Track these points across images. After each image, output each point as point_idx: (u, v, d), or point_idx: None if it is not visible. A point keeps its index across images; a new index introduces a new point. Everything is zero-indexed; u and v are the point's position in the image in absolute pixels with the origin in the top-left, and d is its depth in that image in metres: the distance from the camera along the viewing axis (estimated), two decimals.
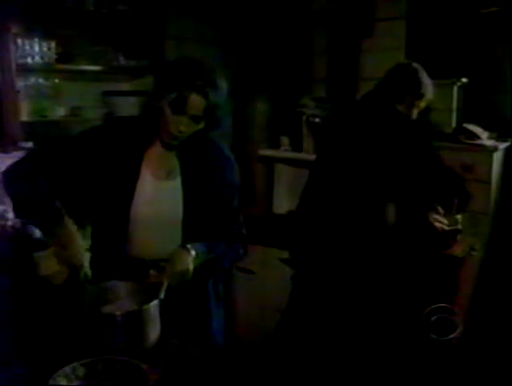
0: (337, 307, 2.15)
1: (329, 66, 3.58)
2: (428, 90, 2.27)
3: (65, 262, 1.44)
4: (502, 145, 2.98)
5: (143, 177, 1.61)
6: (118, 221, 1.59)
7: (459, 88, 3.05)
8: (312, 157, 2.68)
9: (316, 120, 3.33)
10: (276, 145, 3.63)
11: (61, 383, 1.14)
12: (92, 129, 1.68)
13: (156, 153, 1.63)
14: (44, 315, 1.62)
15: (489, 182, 2.84)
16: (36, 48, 2.61)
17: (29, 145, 2.53)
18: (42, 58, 2.64)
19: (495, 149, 2.87)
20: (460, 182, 2.50)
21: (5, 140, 2.50)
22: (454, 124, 3.07)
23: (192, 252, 1.55)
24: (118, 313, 1.35)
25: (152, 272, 1.53)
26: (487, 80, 3.14)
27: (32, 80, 2.68)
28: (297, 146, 3.46)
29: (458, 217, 2.37)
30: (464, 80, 3.03)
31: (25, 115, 2.61)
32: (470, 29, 3.11)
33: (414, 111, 2.28)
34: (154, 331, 1.38)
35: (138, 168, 1.60)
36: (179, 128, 1.52)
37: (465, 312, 2.53)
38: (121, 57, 3.01)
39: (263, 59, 3.52)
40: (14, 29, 2.47)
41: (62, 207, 1.47)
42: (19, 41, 2.54)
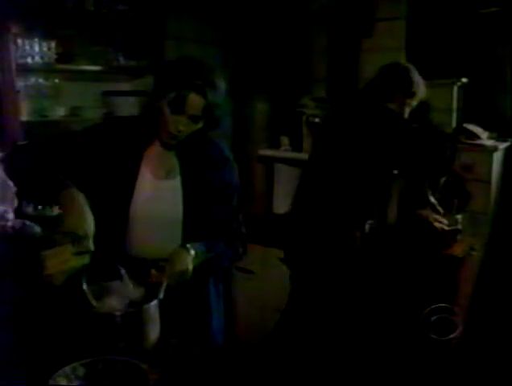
0: (336, 307, 2.15)
1: (329, 66, 3.58)
2: (419, 88, 2.25)
3: (70, 235, 1.39)
4: (502, 145, 2.97)
5: (143, 176, 1.61)
6: (118, 220, 1.60)
7: (459, 88, 3.05)
8: None
9: (316, 120, 3.33)
10: (276, 145, 3.63)
11: (61, 383, 1.14)
12: (92, 128, 1.69)
13: (156, 152, 1.63)
14: (44, 315, 1.61)
15: (489, 182, 2.84)
16: (36, 48, 2.62)
17: None
18: (42, 58, 2.64)
19: (495, 149, 2.87)
20: (460, 182, 2.50)
21: (5, 140, 2.50)
22: (454, 124, 3.07)
23: (192, 251, 1.55)
24: (118, 313, 1.35)
25: (154, 271, 1.53)
26: (487, 80, 3.13)
27: (32, 80, 2.68)
28: (297, 146, 3.46)
29: (458, 217, 2.38)
30: (464, 80, 3.03)
31: (25, 115, 2.61)
32: (470, 29, 3.11)
33: (405, 109, 2.25)
34: (154, 331, 1.38)
35: (138, 167, 1.61)
36: (178, 127, 1.53)
37: (465, 312, 2.52)
38: (121, 57, 3.01)
39: (263, 59, 3.52)
40: (14, 29, 2.48)
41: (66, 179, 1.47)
42: (19, 41, 2.55)
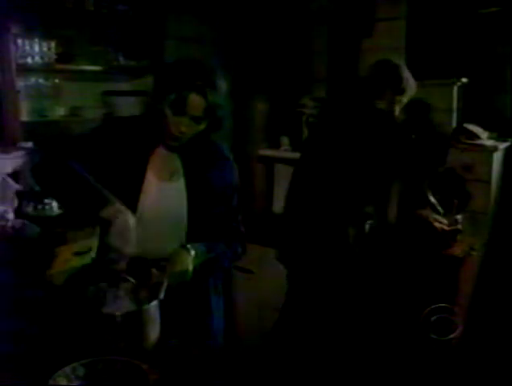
0: (333, 306, 2.15)
1: (329, 66, 3.58)
2: (409, 85, 2.21)
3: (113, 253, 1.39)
4: (502, 145, 2.97)
5: (148, 179, 1.62)
6: None
7: (459, 88, 3.04)
8: None
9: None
10: (276, 145, 3.63)
11: (61, 383, 1.14)
12: (98, 130, 1.69)
13: (160, 155, 1.64)
14: (44, 315, 1.61)
15: (489, 182, 2.84)
16: (36, 48, 2.62)
17: (29, 145, 2.53)
18: (42, 58, 2.65)
19: (495, 149, 2.87)
20: (460, 182, 2.50)
21: (5, 140, 2.50)
22: (454, 124, 3.07)
23: (192, 252, 1.55)
24: (118, 313, 1.35)
25: (154, 271, 1.53)
26: (487, 80, 3.13)
27: (32, 80, 2.68)
28: (297, 146, 3.45)
29: (458, 217, 2.38)
30: (464, 80, 3.03)
31: (25, 115, 2.62)
32: (470, 29, 3.11)
33: (395, 107, 2.22)
34: (154, 331, 1.38)
35: (145, 171, 1.61)
36: (180, 129, 1.53)
37: (465, 312, 2.52)
38: (121, 57, 3.02)
39: (263, 59, 3.52)
40: (14, 29, 2.48)
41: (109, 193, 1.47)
42: (19, 41, 2.55)
